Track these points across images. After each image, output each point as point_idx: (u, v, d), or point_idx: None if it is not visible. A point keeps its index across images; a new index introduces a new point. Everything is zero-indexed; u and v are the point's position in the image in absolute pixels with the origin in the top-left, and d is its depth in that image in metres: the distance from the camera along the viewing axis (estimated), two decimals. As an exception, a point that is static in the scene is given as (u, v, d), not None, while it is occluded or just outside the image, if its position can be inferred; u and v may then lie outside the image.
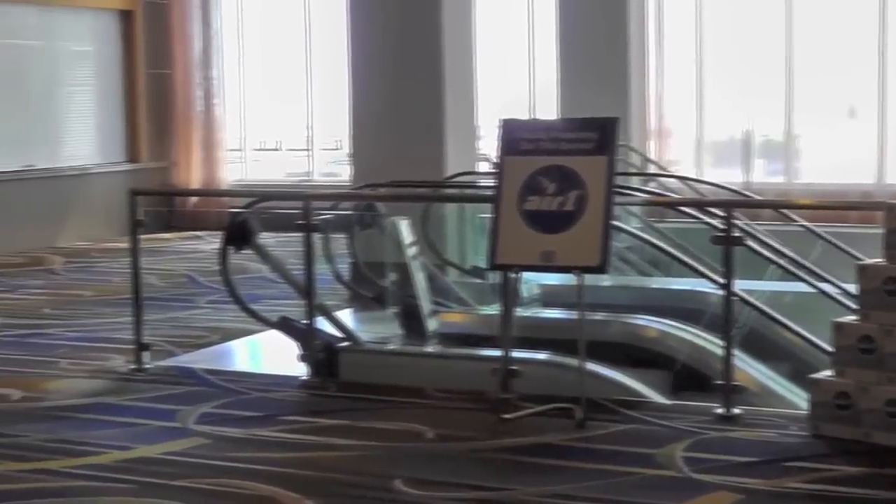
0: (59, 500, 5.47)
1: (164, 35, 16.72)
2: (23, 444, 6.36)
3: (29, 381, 7.80)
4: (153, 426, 6.65)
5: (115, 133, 16.45)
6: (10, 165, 14.81)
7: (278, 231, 8.55)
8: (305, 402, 7.31)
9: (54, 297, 11.21)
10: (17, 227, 14.56)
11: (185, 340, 8.97)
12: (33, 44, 15.21)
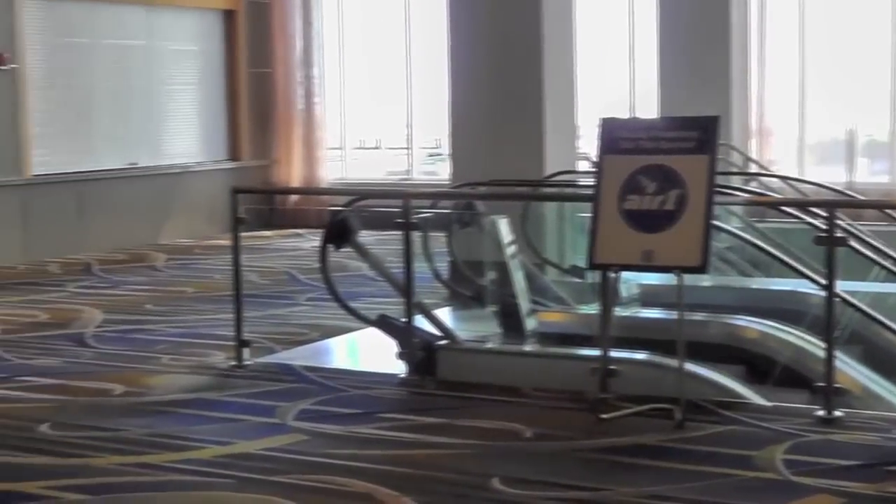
0: (159, 493, 5.53)
1: (266, 34, 16.87)
2: (124, 437, 6.45)
3: (131, 376, 7.91)
4: (252, 422, 6.71)
5: (217, 131, 16.63)
6: (114, 163, 15.04)
7: (378, 229, 8.57)
8: (403, 399, 7.32)
9: (156, 294, 11.34)
10: (121, 224, 14.78)
11: (284, 337, 9.03)
12: (138, 43, 15.41)
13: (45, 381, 7.79)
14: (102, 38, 14.90)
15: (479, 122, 10.72)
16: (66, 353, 8.72)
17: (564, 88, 10.79)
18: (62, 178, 14.23)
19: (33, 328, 9.69)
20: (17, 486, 5.64)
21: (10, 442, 6.39)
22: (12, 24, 13.56)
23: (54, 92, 14.27)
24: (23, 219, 13.68)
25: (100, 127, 14.96)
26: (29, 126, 13.83)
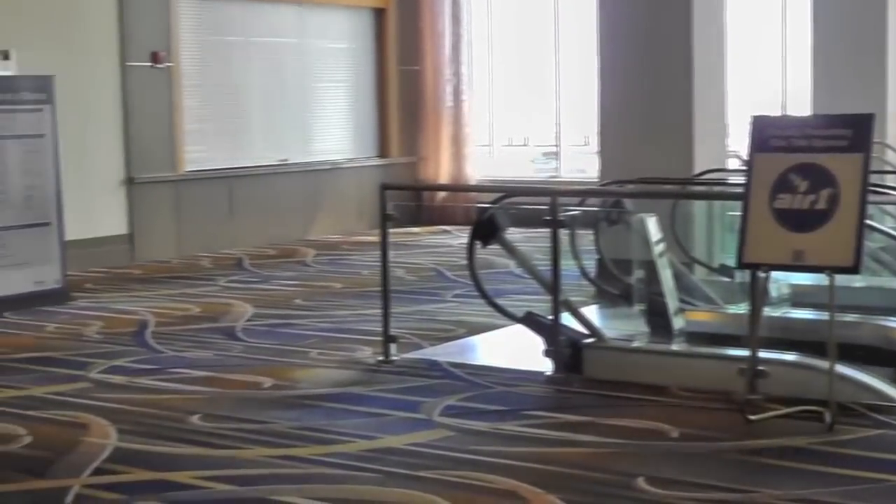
0: (306, 486, 5.59)
1: (416, 32, 16.97)
2: (273, 430, 6.54)
3: (280, 369, 8.02)
4: (398, 417, 6.76)
5: (366, 128, 16.78)
6: (266, 160, 15.26)
7: (525, 226, 8.56)
8: (549, 397, 7.31)
9: (305, 289, 11.48)
10: (271, 219, 15.00)
11: (431, 333, 9.08)
12: (290, 41, 15.62)
13: (197, 374, 7.94)
14: (255, 36, 15.13)
15: (628, 119, 10.65)
16: (217, 346, 8.88)
17: (714, 86, 10.66)
18: (214, 174, 14.48)
19: (185, 321, 9.88)
20: (168, 476, 5.76)
21: (163, 432, 6.52)
22: (168, 24, 13.83)
23: (207, 89, 14.54)
24: (176, 214, 13.95)
25: (252, 124, 15.20)
26: (183, 123, 14.10)
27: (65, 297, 10.89)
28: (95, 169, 13.02)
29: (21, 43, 12.08)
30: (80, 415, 6.92)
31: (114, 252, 13.16)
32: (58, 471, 5.89)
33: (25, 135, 10.80)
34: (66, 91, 11.71)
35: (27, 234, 10.76)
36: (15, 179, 10.69)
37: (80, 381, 7.79)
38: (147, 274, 12.62)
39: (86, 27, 12.97)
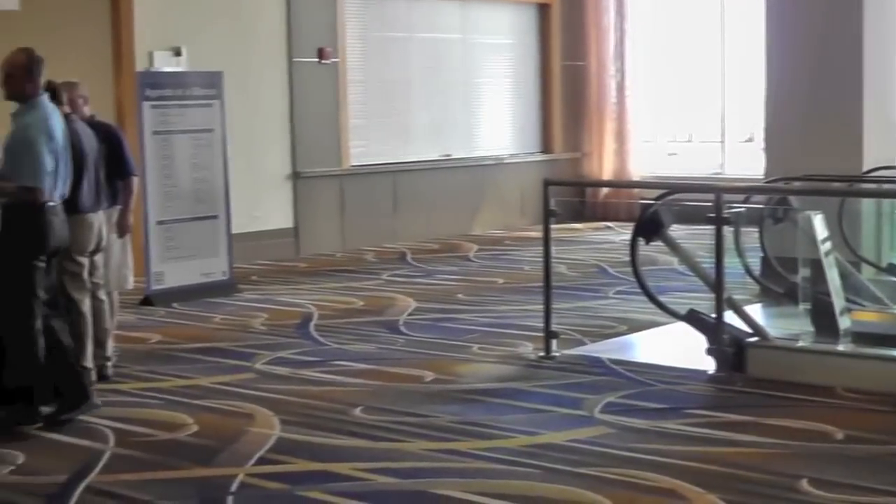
0: (467, 480, 5.62)
1: (580, 27, 16.90)
2: (434, 424, 6.58)
3: (441, 363, 8.06)
4: (559, 413, 6.74)
5: (530, 124, 16.77)
6: (429, 154, 15.34)
7: (689, 223, 8.47)
8: (711, 396, 7.23)
9: (468, 284, 11.52)
10: (434, 214, 15.07)
11: (592, 330, 9.03)
12: (454, 37, 15.68)
13: (360, 366, 8.02)
14: (418, 32, 15.22)
15: (795, 116, 10.48)
16: (380, 339, 8.96)
17: (884, 84, 10.43)
18: (378, 169, 14.61)
19: (349, 314, 9.98)
20: (331, 467, 5.83)
21: (326, 424, 6.61)
22: (334, 20, 13.99)
23: (372, 85, 14.66)
24: (340, 208, 14.11)
25: (415, 119, 15.30)
26: (348, 118, 14.25)
27: (231, 289, 11.11)
28: (262, 163, 13.23)
29: (192, 40, 12.37)
30: (245, 405, 7.05)
31: (279, 245, 13.37)
32: (223, 459, 6.01)
33: (195, 129, 11.03)
34: (235, 86, 11.93)
35: (196, 226, 10.99)
36: (184, 173, 10.93)
37: (246, 372, 7.94)
38: (311, 267, 12.80)
39: (254, 24, 13.19)
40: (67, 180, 6.78)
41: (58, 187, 6.65)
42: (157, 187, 10.70)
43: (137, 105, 10.76)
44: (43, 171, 6.51)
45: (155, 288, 10.61)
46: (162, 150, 10.77)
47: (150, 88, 10.77)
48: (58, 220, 6.63)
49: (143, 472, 5.86)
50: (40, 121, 6.58)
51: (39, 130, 6.54)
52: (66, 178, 6.76)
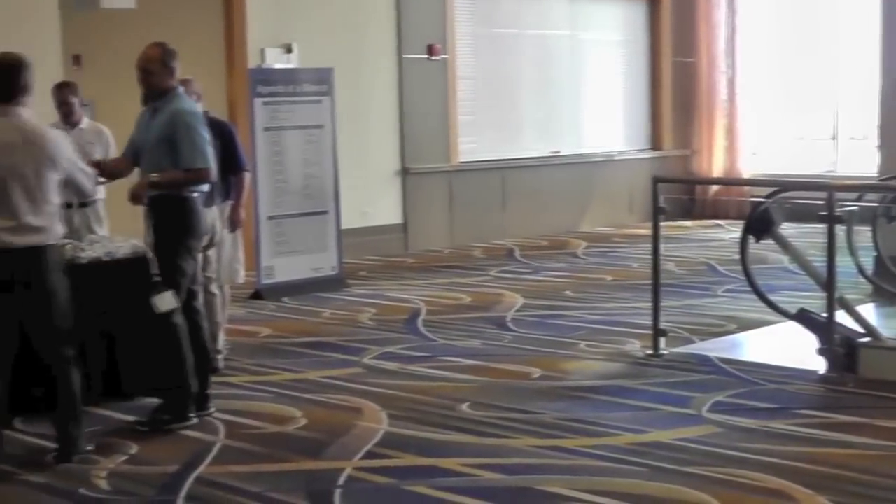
0: (572, 477, 5.61)
1: (690, 23, 16.77)
2: (540, 420, 6.58)
3: (548, 360, 8.05)
4: (666, 411, 6.71)
5: (639, 120, 16.68)
6: (538, 151, 15.33)
7: (800, 222, 8.38)
8: (822, 396, 7.14)
9: (575, 281, 11.49)
10: (543, 211, 15.05)
11: (701, 328, 8.97)
12: (563, 34, 15.63)
13: (467, 362, 8.04)
14: (527, 28, 15.21)
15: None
16: (487, 335, 8.97)
17: None
18: (487, 166, 14.62)
19: (456, 310, 10.01)
20: (438, 462, 5.86)
21: (433, 419, 6.64)
22: (444, 17, 14.03)
23: (481, 81, 14.68)
24: (449, 204, 14.15)
25: (524, 116, 15.29)
26: (456, 114, 14.28)
27: (340, 284, 11.19)
28: (371, 159, 13.31)
29: (302, 36, 12.48)
30: (353, 399, 7.11)
31: (388, 241, 13.44)
32: (331, 453, 6.07)
33: (306, 125, 11.13)
34: (345, 83, 12.01)
35: (306, 222, 11.09)
36: (295, 169, 11.03)
37: (354, 367, 8.00)
38: (420, 263, 12.85)
39: (364, 21, 13.28)
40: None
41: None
42: (268, 183, 10.82)
43: (249, 101, 10.88)
44: (210, 151, 6.59)
45: (265, 282, 10.73)
46: (273, 146, 10.88)
47: (262, 85, 10.89)
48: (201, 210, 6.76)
49: (252, 464, 5.93)
50: (191, 107, 6.67)
51: (194, 115, 6.61)
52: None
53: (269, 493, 5.46)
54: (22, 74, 5.87)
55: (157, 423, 6.54)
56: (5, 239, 5.79)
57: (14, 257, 5.81)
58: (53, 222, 5.93)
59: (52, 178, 5.88)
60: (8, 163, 5.77)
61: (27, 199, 5.80)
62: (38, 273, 5.87)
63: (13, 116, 5.85)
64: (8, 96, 5.84)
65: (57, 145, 5.97)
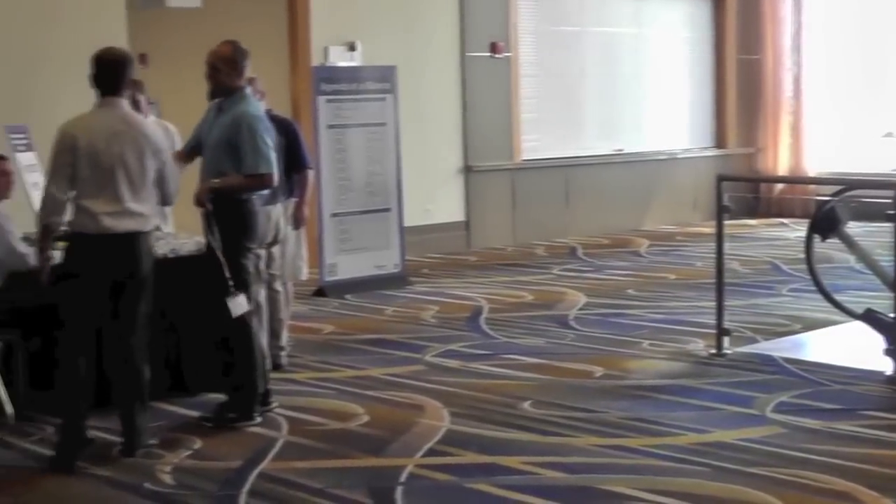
0: (635, 477, 5.59)
1: (756, 20, 16.65)
2: (602, 419, 6.56)
3: (610, 359, 8.03)
4: (729, 411, 6.67)
5: (703, 119, 16.58)
6: (601, 149, 15.28)
7: (866, 220, 8.30)
8: (888, 398, 7.07)
9: (638, 279, 11.45)
10: (606, 209, 15.01)
11: (765, 328, 8.90)
12: (626, 31, 15.57)
13: (529, 360, 8.03)
14: (591, 26, 15.16)
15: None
16: (550, 333, 8.96)
17: None
18: (550, 164, 14.59)
19: (519, 308, 10.00)
20: (499, 460, 5.86)
21: (494, 417, 6.63)
22: (507, 15, 14.02)
23: (544, 79, 14.65)
24: (512, 202, 14.13)
25: (587, 113, 15.24)
26: (519, 112, 14.26)
27: (403, 282, 11.21)
28: (434, 157, 13.32)
29: (366, 34, 12.51)
30: (415, 396, 7.12)
31: (450, 238, 13.45)
32: (393, 450, 6.08)
33: (369, 123, 11.16)
34: (408, 81, 12.03)
35: (369, 219, 11.12)
36: (358, 166, 11.07)
37: (416, 364, 8.01)
38: (482, 261, 12.85)
39: (428, 18, 13.29)
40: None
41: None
42: (332, 180, 10.86)
43: (312, 99, 10.93)
44: (272, 155, 6.60)
45: (328, 279, 10.77)
46: (336, 144, 10.92)
47: (325, 83, 10.93)
48: (263, 210, 6.79)
49: (315, 460, 5.96)
50: (255, 109, 6.67)
51: (258, 119, 6.62)
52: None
53: (331, 490, 5.48)
54: (129, 69, 6.11)
55: (222, 420, 6.59)
56: (106, 223, 5.96)
57: (114, 242, 5.98)
58: (151, 211, 6.12)
59: (153, 168, 6.06)
60: (116, 151, 5.96)
61: (130, 187, 5.99)
62: (135, 259, 6.03)
63: (118, 108, 6.07)
64: (115, 89, 6.06)
65: (160, 138, 6.19)
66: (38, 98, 9.71)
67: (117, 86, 6.05)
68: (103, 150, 5.93)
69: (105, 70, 6.05)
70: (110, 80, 6.04)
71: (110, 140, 5.95)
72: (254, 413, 6.62)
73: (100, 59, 6.06)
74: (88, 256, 6.00)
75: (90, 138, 5.94)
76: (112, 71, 6.05)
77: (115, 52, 6.14)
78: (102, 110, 6.07)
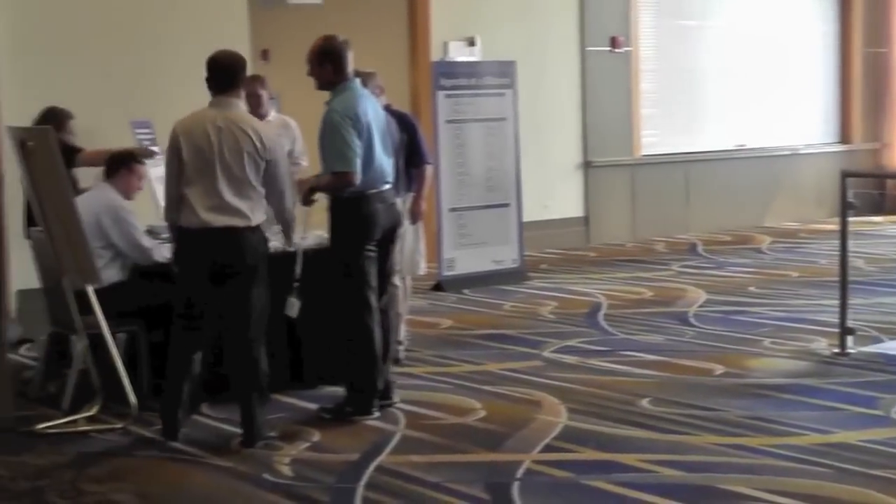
0: (755, 477, 5.51)
1: (883, 13, 16.35)
2: (722, 418, 6.49)
3: (731, 357, 7.94)
4: (853, 412, 6.55)
5: (827, 113, 16.33)
6: (722, 144, 15.11)
7: None
8: None
9: (760, 276, 11.31)
10: (727, 205, 14.86)
11: (890, 327, 8.72)
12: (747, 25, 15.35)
13: (648, 357, 7.98)
14: (712, 20, 15.00)
15: None
16: (669, 330, 8.89)
17: None
18: (670, 159, 14.48)
19: (638, 305, 9.94)
20: (616, 457, 5.83)
21: (613, 414, 6.60)
22: (627, 8, 13.94)
23: (664, 74, 14.54)
24: (631, 198, 14.05)
25: (707, 108, 15.09)
26: (639, 107, 14.17)
27: (521, 277, 11.20)
28: (553, 152, 13.29)
29: (485, 30, 12.52)
30: (532, 392, 7.11)
31: (569, 234, 13.41)
32: (510, 445, 6.08)
33: (488, 118, 11.17)
34: (527, 76, 12.01)
35: (487, 214, 11.13)
36: (477, 161, 11.08)
37: (534, 360, 8.00)
38: (601, 257, 12.79)
39: (547, 13, 13.25)
40: (387, 166, 6.80)
41: (375, 171, 6.66)
42: (451, 175, 10.89)
43: (432, 94, 10.96)
44: (352, 153, 6.52)
45: (446, 274, 10.80)
46: (455, 139, 10.95)
47: (445, 78, 10.96)
48: (383, 206, 6.72)
49: (432, 454, 5.97)
50: (345, 105, 6.60)
51: (342, 114, 6.56)
52: (384, 164, 6.76)
53: (448, 484, 5.49)
54: (241, 71, 6.31)
55: (341, 413, 6.63)
56: (205, 217, 6.11)
57: (213, 236, 6.10)
58: (254, 208, 6.18)
59: (253, 165, 6.14)
60: (216, 147, 6.11)
61: (229, 183, 6.11)
62: (233, 253, 6.12)
63: (227, 106, 6.21)
64: (226, 89, 6.23)
65: (269, 137, 6.25)
66: (162, 94, 9.87)
67: (228, 86, 6.23)
68: (205, 147, 6.11)
69: (217, 71, 6.24)
70: (222, 81, 6.23)
71: (212, 137, 6.11)
72: (371, 407, 6.65)
73: (213, 62, 6.26)
74: (190, 250, 6.20)
75: (193, 135, 6.14)
76: (224, 72, 6.24)
77: (227, 55, 6.32)
78: (210, 108, 6.24)
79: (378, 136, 6.69)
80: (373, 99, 6.91)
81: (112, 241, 7.02)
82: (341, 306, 6.62)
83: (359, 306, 6.60)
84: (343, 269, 6.60)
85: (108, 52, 10.01)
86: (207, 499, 5.47)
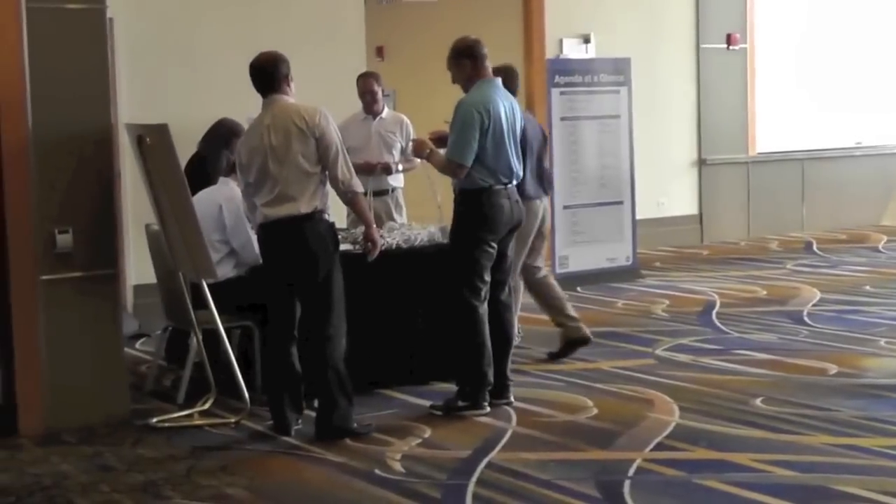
0: (868, 478, 5.46)
1: None
2: (836, 418, 6.44)
3: (845, 356, 7.86)
4: (970, 414, 6.47)
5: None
6: (839, 142, 14.92)
7: None
8: None
9: (875, 276, 11.17)
10: (843, 203, 14.68)
11: None
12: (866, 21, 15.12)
13: (761, 356, 7.93)
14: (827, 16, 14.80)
15: None
16: (783, 329, 8.82)
17: None
18: (785, 157, 14.34)
19: (752, 303, 9.87)
20: (729, 456, 5.81)
21: (725, 413, 6.58)
22: (744, 5, 13.83)
23: (780, 71, 14.38)
24: (745, 196, 13.94)
25: (824, 106, 14.89)
26: (755, 105, 14.05)
27: (634, 275, 11.18)
28: (667, 150, 13.23)
29: (600, 27, 12.50)
30: (644, 390, 7.11)
31: (683, 232, 13.35)
32: (621, 443, 6.09)
33: (601, 116, 11.16)
34: (642, 73, 11.97)
35: (600, 212, 11.12)
36: (590, 159, 11.08)
37: (646, 358, 7.99)
38: (715, 255, 12.72)
39: (662, 11, 13.20)
40: (516, 163, 6.81)
41: (502, 167, 6.71)
42: (565, 172, 10.90)
43: (546, 91, 10.98)
44: (468, 149, 6.58)
45: (560, 271, 10.81)
46: (569, 136, 10.96)
47: (559, 75, 10.98)
48: (508, 202, 6.74)
49: (543, 451, 6.00)
50: (477, 98, 6.68)
51: (473, 107, 6.63)
52: (512, 161, 6.78)
53: (559, 482, 5.52)
54: (277, 68, 6.39)
55: (452, 409, 6.68)
56: (265, 212, 6.29)
57: (274, 229, 6.27)
58: (309, 194, 6.25)
59: (300, 148, 6.22)
60: (266, 142, 6.26)
61: (280, 172, 6.24)
62: (294, 243, 6.23)
63: (272, 105, 6.34)
64: (267, 89, 6.38)
65: (310, 116, 6.27)
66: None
67: (269, 86, 6.37)
68: (258, 147, 6.28)
69: (255, 77, 6.42)
70: (260, 84, 6.40)
71: (262, 135, 6.28)
72: (482, 402, 6.70)
73: (250, 68, 6.43)
74: (262, 246, 6.43)
75: (249, 140, 6.38)
76: (259, 75, 6.41)
77: (259, 58, 6.46)
78: (262, 111, 6.40)
79: (509, 134, 6.75)
80: (510, 98, 6.96)
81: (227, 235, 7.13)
82: (452, 298, 6.67)
83: (470, 299, 6.65)
84: (458, 260, 6.65)
85: (225, 55, 10.07)
86: (319, 493, 5.54)
